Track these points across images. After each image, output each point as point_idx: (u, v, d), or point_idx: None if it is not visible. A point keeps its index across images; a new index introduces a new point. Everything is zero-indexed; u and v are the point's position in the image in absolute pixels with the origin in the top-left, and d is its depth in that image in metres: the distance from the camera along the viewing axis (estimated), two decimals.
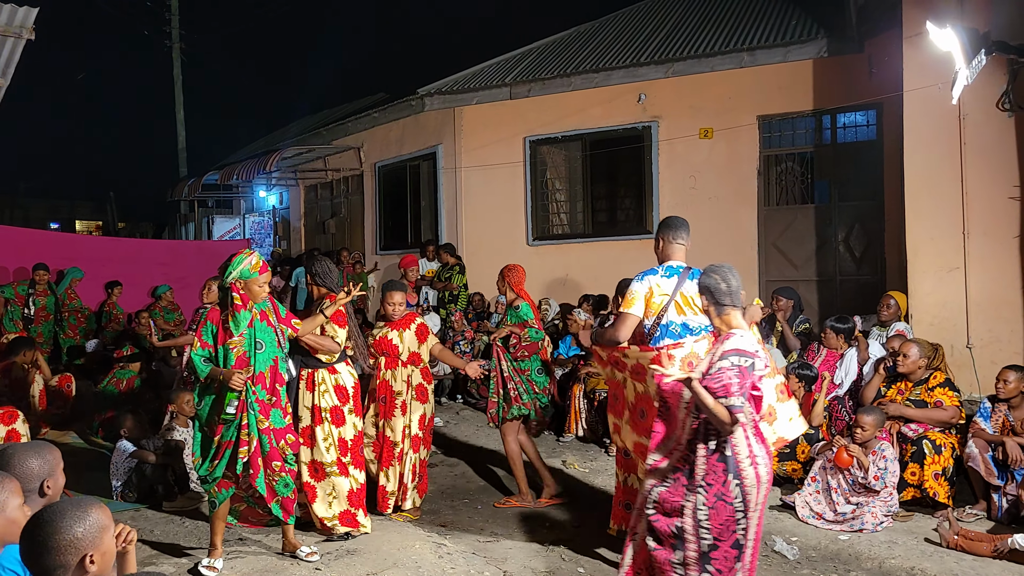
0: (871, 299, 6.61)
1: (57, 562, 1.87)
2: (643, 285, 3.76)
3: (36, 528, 1.91)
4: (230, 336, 3.86)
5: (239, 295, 3.94)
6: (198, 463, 3.96)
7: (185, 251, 11.80)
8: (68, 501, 2.04)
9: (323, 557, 4.10)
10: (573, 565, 4.03)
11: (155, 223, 25.39)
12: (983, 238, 6.43)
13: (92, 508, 1.96)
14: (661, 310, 3.70)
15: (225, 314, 3.92)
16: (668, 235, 3.89)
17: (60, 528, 1.89)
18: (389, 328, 4.89)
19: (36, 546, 1.89)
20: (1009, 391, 4.71)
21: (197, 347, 3.91)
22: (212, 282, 6.57)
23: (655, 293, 3.74)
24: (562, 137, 10.37)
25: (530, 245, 10.27)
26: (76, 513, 1.92)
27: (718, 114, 9.16)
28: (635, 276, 3.86)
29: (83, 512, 1.93)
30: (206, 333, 3.92)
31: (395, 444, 4.78)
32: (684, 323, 3.72)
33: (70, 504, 1.98)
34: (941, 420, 4.85)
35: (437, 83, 11.31)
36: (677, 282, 3.74)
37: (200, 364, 3.87)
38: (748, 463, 2.89)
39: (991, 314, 6.42)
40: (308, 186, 15.13)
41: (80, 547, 1.89)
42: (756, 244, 9.06)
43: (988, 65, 5.58)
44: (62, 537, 1.88)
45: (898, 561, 4.03)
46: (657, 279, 3.77)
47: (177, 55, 19.95)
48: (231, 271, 3.98)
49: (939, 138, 6.58)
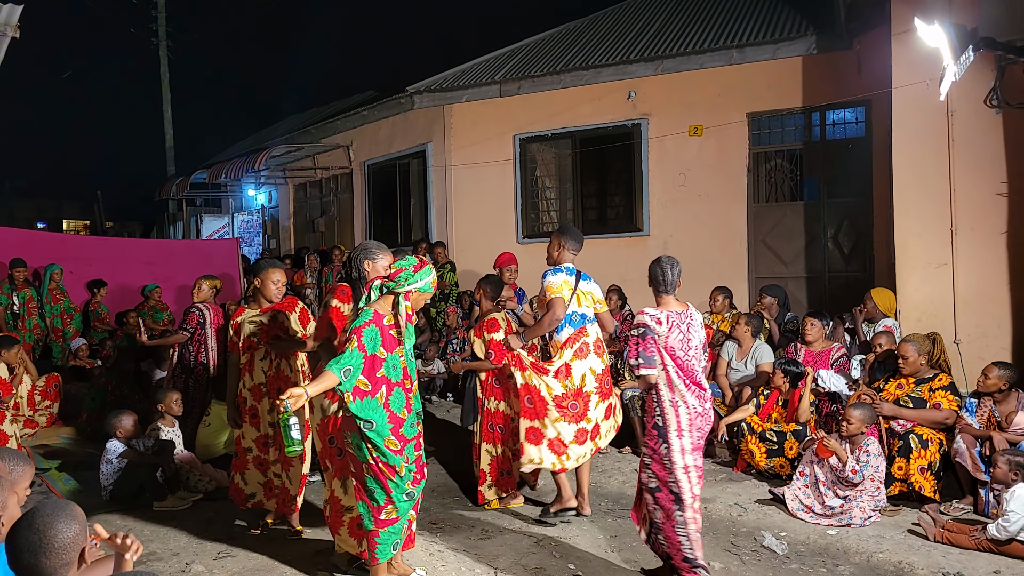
0: (859, 295, 6.65)
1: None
2: (559, 277, 4.45)
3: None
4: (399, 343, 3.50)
5: (410, 304, 3.53)
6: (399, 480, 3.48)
7: (174, 250, 11.71)
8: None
9: (316, 554, 4.09)
10: (563, 562, 4.03)
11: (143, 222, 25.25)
12: (971, 234, 6.47)
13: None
14: (567, 301, 4.43)
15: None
16: (568, 243, 4.56)
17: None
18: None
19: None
20: (988, 386, 4.75)
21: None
22: (202, 281, 6.54)
23: (567, 285, 4.44)
24: (552, 135, 10.37)
25: (520, 243, 10.27)
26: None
27: (708, 111, 9.19)
28: (550, 271, 4.50)
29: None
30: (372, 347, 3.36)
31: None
32: (583, 313, 4.50)
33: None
34: (935, 421, 4.87)
35: (426, 81, 11.29)
36: (575, 280, 4.48)
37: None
38: (671, 412, 3.55)
39: (978, 310, 6.47)
40: (297, 185, 15.07)
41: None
42: (745, 241, 9.10)
43: (976, 61, 5.61)
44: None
45: (886, 555, 4.06)
46: (565, 275, 4.47)
47: (164, 53, 19.83)
48: (408, 279, 3.44)
49: (927, 135, 6.62)
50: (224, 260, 10.58)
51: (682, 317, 3.65)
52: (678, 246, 9.41)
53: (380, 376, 3.36)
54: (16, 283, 8.42)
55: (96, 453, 5.36)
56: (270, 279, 4.43)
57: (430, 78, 11.34)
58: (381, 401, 3.36)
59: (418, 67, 12.53)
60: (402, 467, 3.41)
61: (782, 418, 5.47)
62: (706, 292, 7.43)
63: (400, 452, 3.42)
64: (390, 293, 3.46)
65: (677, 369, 3.56)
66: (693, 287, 8.61)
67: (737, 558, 4.08)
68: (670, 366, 3.55)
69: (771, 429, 5.32)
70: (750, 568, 3.96)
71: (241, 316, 4.52)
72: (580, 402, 4.44)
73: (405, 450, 3.45)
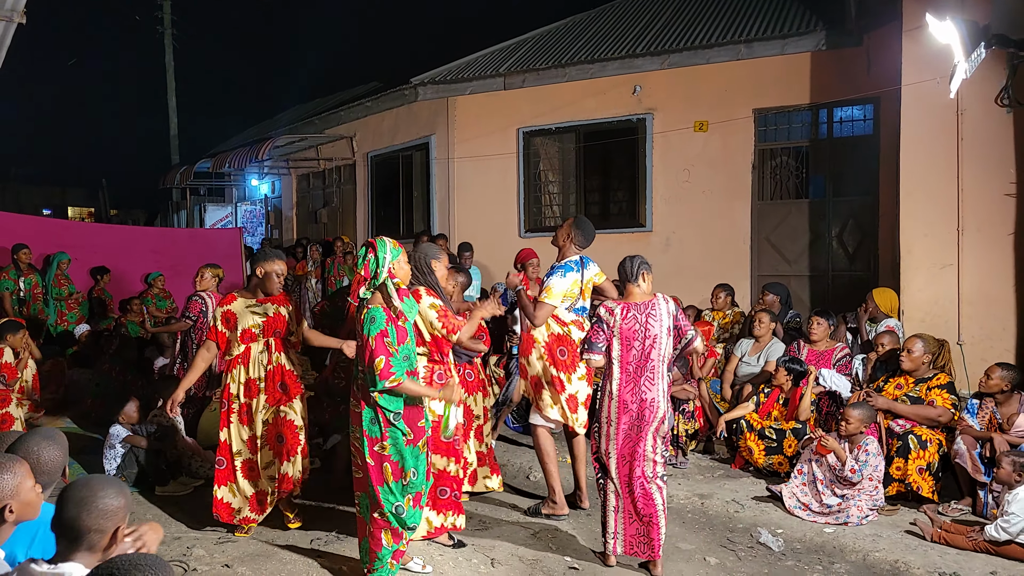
0: (863, 295, 6.62)
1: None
2: (564, 283, 4.44)
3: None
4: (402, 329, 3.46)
5: (399, 280, 3.52)
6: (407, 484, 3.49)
7: (177, 239, 11.72)
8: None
9: (314, 543, 4.10)
10: (560, 554, 4.03)
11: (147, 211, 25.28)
12: (977, 234, 6.43)
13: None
14: (573, 301, 4.53)
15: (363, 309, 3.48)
16: (576, 238, 4.56)
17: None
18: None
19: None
20: (990, 387, 4.73)
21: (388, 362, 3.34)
22: (205, 269, 6.54)
23: (569, 295, 4.50)
24: (556, 128, 10.33)
25: (522, 237, 10.25)
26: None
27: (714, 107, 9.13)
28: (559, 270, 4.47)
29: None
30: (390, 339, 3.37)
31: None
32: (583, 306, 4.60)
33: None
34: (929, 417, 4.86)
35: (430, 72, 11.25)
36: (582, 274, 4.54)
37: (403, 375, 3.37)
38: (605, 401, 3.83)
39: (983, 311, 6.43)
40: (300, 175, 15.07)
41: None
42: (749, 238, 9.06)
43: (987, 59, 5.55)
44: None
45: (882, 554, 4.05)
46: (574, 277, 4.49)
47: (169, 41, 19.82)
48: (382, 259, 3.44)
49: (936, 133, 6.56)
50: (227, 249, 10.58)
51: (642, 308, 3.79)
52: (681, 242, 9.38)
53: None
54: (21, 268, 8.43)
55: (99, 438, 5.39)
56: (274, 270, 4.28)
57: (434, 70, 11.30)
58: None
59: (422, 59, 12.49)
60: (408, 474, 3.44)
61: (782, 416, 5.45)
62: (708, 289, 7.41)
63: (414, 443, 3.47)
64: (378, 286, 3.47)
65: (621, 359, 3.78)
66: (695, 283, 8.64)
67: (733, 554, 4.08)
68: (616, 357, 3.78)
69: (770, 427, 5.31)
70: (746, 564, 3.96)
71: (235, 304, 4.27)
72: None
73: (419, 446, 3.50)
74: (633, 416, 3.77)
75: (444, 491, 4.01)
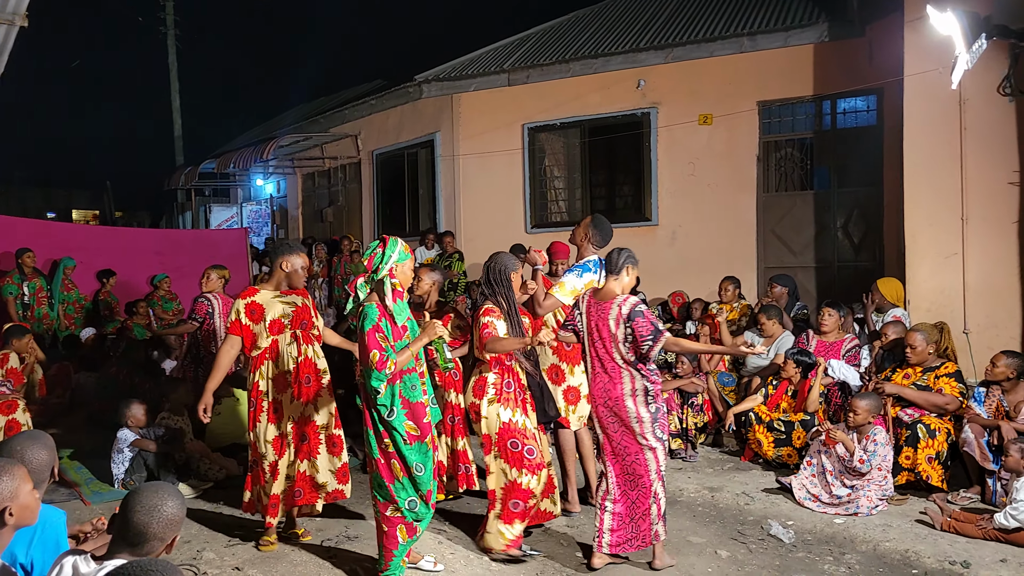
0: (869, 286, 6.62)
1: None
2: (581, 282, 4.32)
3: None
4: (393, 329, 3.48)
5: (398, 281, 3.56)
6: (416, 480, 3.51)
7: (182, 240, 11.76)
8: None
9: (324, 542, 4.13)
10: (571, 550, 4.06)
11: (152, 212, 25.33)
12: (981, 224, 6.43)
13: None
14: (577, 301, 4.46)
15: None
16: (594, 238, 4.49)
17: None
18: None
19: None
20: (996, 374, 4.73)
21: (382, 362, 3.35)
22: (211, 271, 6.55)
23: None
24: (560, 124, 10.33)
25: (528, 232, 10.26)
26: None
27: (718, 100, 9.12)
28: (578, 268, 4.39)
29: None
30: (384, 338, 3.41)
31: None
32: None
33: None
34: (936, 404, 4.87)
35: (434, 70, 11.25)
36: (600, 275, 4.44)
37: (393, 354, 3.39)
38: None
39: (988, 300, 6.43)
40: (305, 174, 15.09)
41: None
42: (755, 230, 9.06)
43: (989, 49, 5.56)
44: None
45: (892, 544, 4.06)
46: (591, 278, 4.39)
47: (172, 42, 19.83)
48: (388, 256, 3.52)
49: (939, 123, 6.56)
50: (233, 250, 10.61)
51: (598, 308, 3.79)
52: (687, 236, 9.38)
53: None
54: (25, 272, 8.45)
55: (107, 442, 5.41)
56: (298, 264, 4.12)
57: (438, 67, 11.31)
58: (396, 390, 3.45)
59: (426, 56, 12.48)
60: (414, 468, 3.46)
61: (791, 408, 5.46)
62: (715, 282, 7.41)
63: (421, 440, 3.49)
64: (375, 284, 3.51)
65: (585, 351, 3.89)
66: (702, 276, 8.64)
67: (744, 546, 4.10)
68: (585, 341, 3.88)
69: (779, 419, 5.32)
70: (757, 556, 3.98)
71: (260, 296, 4.10)
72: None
73: (425, 442, 3.51)
74: (609, 411, 3.77)
75: (517, 504, 3.89)
